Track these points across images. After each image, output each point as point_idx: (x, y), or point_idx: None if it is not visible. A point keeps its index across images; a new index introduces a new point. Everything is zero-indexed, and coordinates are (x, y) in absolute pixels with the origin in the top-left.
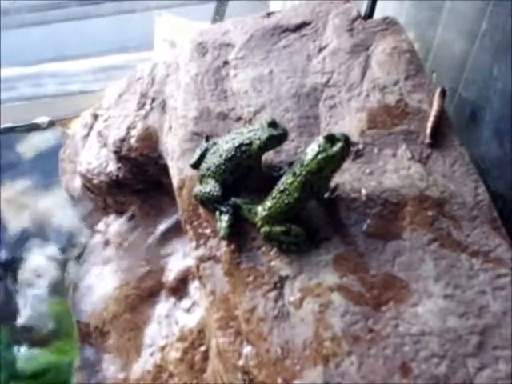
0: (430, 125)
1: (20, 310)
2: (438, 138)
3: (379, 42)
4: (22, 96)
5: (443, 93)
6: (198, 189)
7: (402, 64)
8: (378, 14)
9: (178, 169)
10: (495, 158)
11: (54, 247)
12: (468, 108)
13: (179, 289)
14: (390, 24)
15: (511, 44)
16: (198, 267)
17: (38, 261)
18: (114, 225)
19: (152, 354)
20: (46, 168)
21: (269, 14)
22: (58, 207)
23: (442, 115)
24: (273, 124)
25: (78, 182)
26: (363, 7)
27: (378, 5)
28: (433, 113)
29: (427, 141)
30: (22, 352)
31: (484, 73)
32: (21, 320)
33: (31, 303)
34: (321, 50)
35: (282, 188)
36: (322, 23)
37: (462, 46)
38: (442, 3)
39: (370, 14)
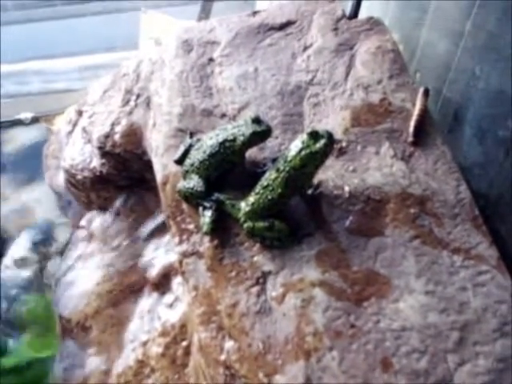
0: (412, 123)
1: (0, 304)
2: (421, 136)
3: (363, 42)
4: (7, 93)
5: (426, 92)
6: (182, 184)
7: (386, 63)
8: (363, 15)
9: (162, 165)
10: (477, 157)
11: (36, 242)
12: (451, 107)
13: (162, 284)
14: (374, 24)
15: (495, 44)
16: (180, 262)
17: (21, 255)
18: (97, 220)
19: (134, 350)
20: (30, 163)
21: (254, 13)
22: (41, 202)
23: (424, 114)
24: (257, 120)
25: (61, 178)
26: (348, 7)
27: (364, 5)
28: (416, 112)
29: (410, 139)
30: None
31: (467, 73)
32: (1, 314)
33: (12, 298)
34: (305, 48)
35: (265, 184)
36: (307, 22)
37: (447, 47)
38: (427, 4)
39: (354, 13)
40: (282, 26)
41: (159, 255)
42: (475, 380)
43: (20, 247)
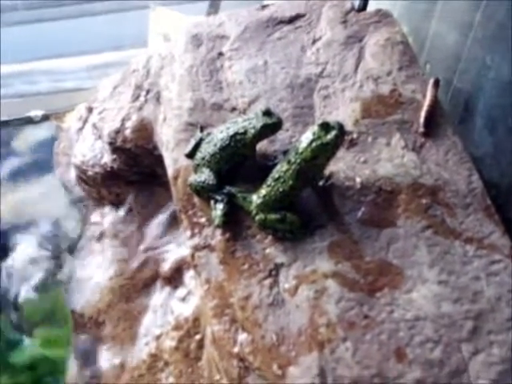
0: (423, 114)
1: (14, 300)
2: (432, 127)
3: (373, 34)
4: (17, 93)
5: (437, 83)
6: (193, 178)
7: (396, 55)
8: (372, 7)
9: (173, 159)
10: (488, 147)
11: (48, 239)
12: (462, 98)
13: (174, 278)
14: (383, 16)
15: (505, 34)
16: (193, 256)
17: (33, 252)
18: (108, 216)
19: (147, 344)
20: (40, 161)
21: (263, 7)
22: (51, 199)
23: (435, 105)
24: (267, 113)
25: (72, 174)
26: (357, 0)
27: None
28: (426, 102)
29: (421, 130)
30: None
31: (478, 63)
32: (14, 310)
33: (25, 293)
34: (315, 41)
35: (276, 176)
36: (316, 15)
37: (457, 37)
38: None
39: (363, 6)
40: (291, 20)
41: (171, 249)
42: (489, 369)
43: (31, 244)
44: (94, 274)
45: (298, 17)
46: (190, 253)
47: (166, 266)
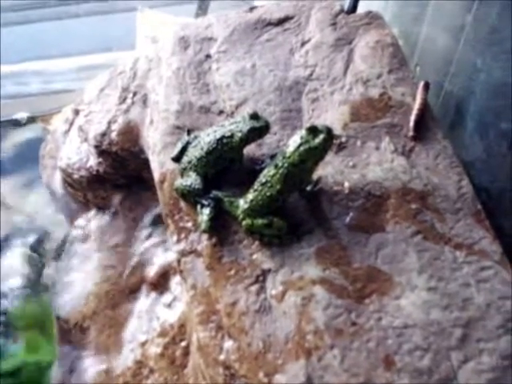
0: (413, 118)
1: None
2: (422, 131)
3: (362, 36)
4: (6, 94)
5: (426, 86)
6: (179, 182)
7: (386, 58)
8: (362, 10)
9: (160, 162)
10: (479, 151)
11: (33, 242)
12: (453, 101)
13: (160, 284)
14: (373, 18)
15: (496, 37)
16: (179, 261)
17: (17, 256)
18: (94, 220)
19: (132, 350)
20: (26, 163)
21: (251, 9)
22: (37, 202)
23: (425, 108)
24: (255, 116)
25: (58, 178)
26: (346, 2)
27: (363, 1)
28: (416, 106)
29: (410, 134)
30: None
31: (469, 66)
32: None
33: (9, 299)
34: (303, 43)
35: (263, 180)
36: (305, 17)
37: (448, 40)
38: None
39: (353, 8)
40: (280, 22)
41: (157, 254)
42: (479, 377)
43: (17, 248)
44: (80, 279)
45: (286, 19)
46: (176, 258)
47: (151, 272)
